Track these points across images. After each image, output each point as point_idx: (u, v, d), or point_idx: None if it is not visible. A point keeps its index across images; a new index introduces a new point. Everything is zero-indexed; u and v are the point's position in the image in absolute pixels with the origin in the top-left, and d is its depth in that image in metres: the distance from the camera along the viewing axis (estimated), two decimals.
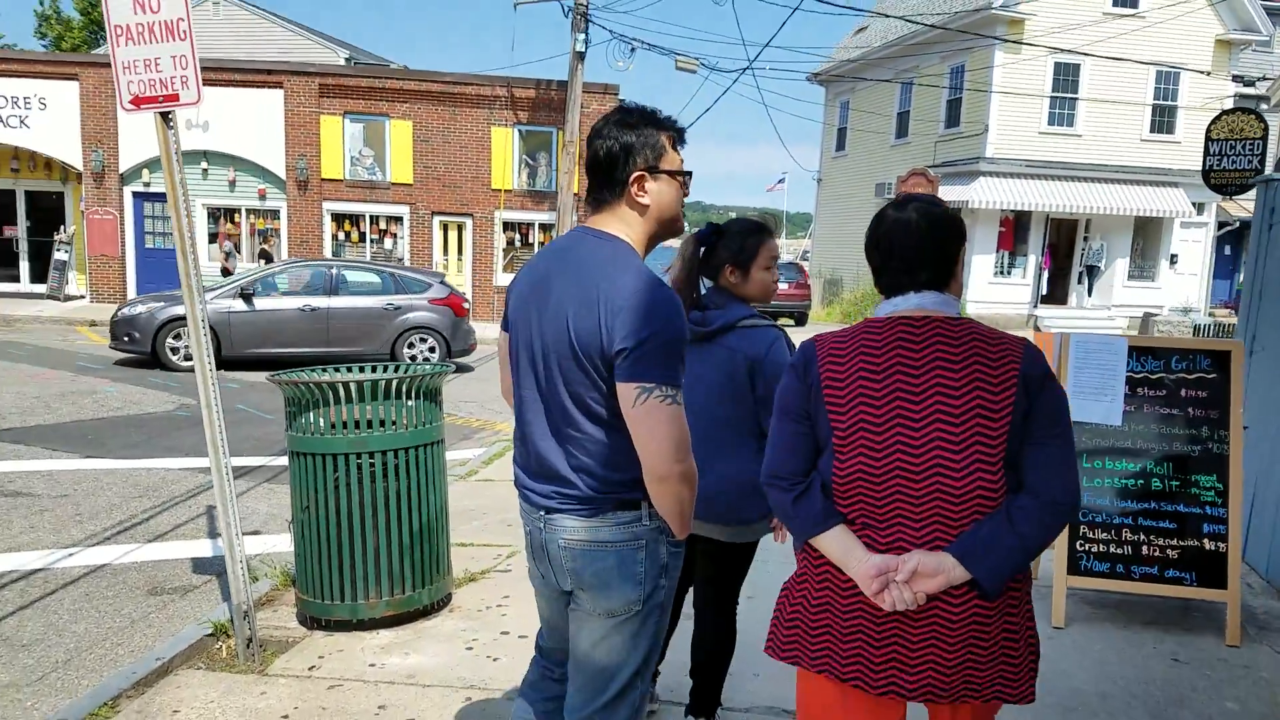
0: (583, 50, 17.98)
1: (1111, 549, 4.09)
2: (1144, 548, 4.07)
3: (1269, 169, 11.61)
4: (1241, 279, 25.81)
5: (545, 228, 20.53)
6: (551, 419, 2.03)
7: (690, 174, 2.12)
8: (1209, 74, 22.15)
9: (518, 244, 20.78)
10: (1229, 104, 23.36)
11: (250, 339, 12.29)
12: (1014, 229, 23.37)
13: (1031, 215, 23.16)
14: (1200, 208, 23.68)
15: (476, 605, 4.36)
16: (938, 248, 1.90)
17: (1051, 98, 22.53)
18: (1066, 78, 22.52)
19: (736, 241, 2.87)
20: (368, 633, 3.97)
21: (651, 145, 2.03)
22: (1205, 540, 4.02)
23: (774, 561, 4.81)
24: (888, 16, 21.98)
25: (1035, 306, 23.04)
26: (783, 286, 21.03)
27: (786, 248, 53.42)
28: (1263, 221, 4.96)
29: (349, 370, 4.14)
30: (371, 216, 20.53)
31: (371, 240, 20.58)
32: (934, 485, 1.78)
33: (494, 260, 20.56)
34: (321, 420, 3.82)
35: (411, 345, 12.89)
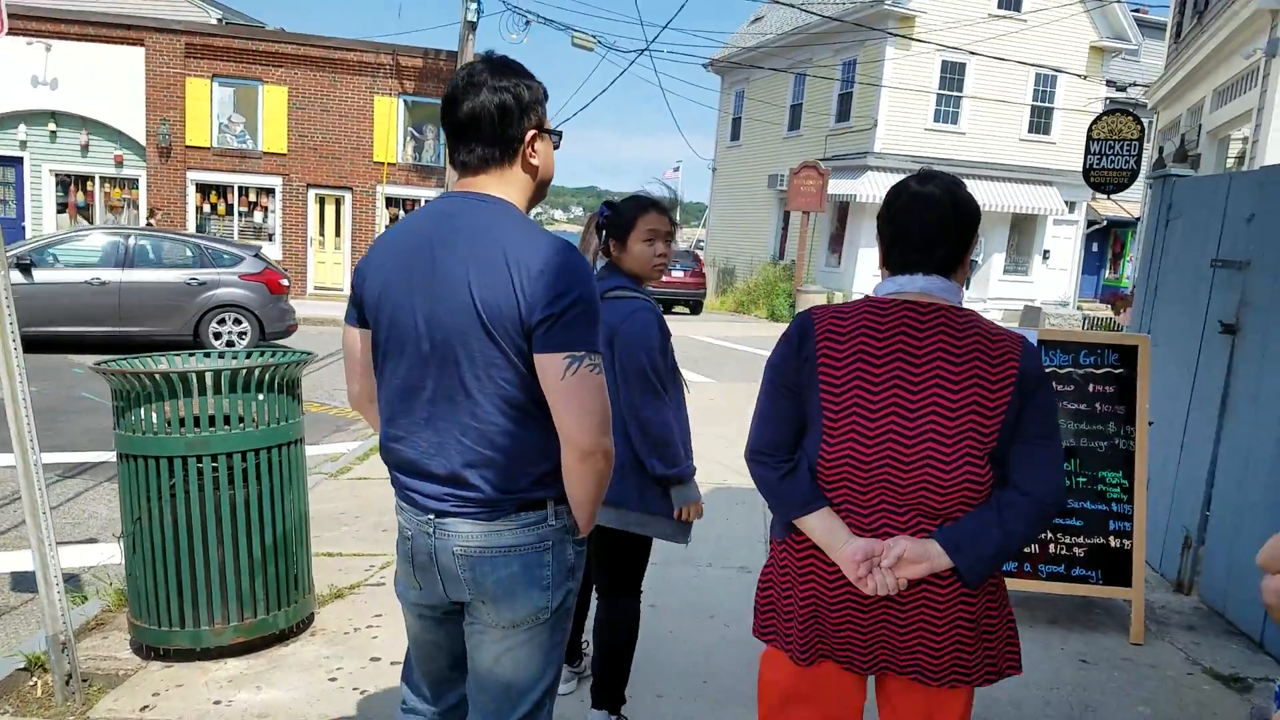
0: (474, 20, 17.25)
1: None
2: (1051, 545, 3.95)
3: (1144, 169, 12.07)
4: (1121, 274, 27.15)
5: None
6: (444, 411, 1.78)
7: (561, 133, 1.94)
8: (1085, 78, 23.06)
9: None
10: (1100, 108, 24.46)
11: (25, 316, 10.84)
12: None
13: None
14: (1072, 206, 24.72)
15: (343, 627, 3.85)
16: (957, 229, 1.83)
17: (938, 95, 23.04)
18: (953, 76, 23.07)
19: (618, 213, 2.81)
20: (213, 663, 3.43)
21: (538, 100, 1.84)
22: (1111, 538, 3.93)
23: (675, 563, 4.58)
24: (784, 4, 22.01)
25: None
26: (678, 274, 20.88)
27: (681, 236, 53.56)
28: (1159, 217, 4.92)
29: (191, 357, 3.59)
30: (241, 188, 19.37)
31: (240, 213, 19.39)
32: (922, 475, 1.76)
33: (375, 237, 19.58)
34: (155, 416, 3.27)
35: (219, 325, 11.76)
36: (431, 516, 1.82)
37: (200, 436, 3.28)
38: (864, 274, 23.07)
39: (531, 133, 1.82)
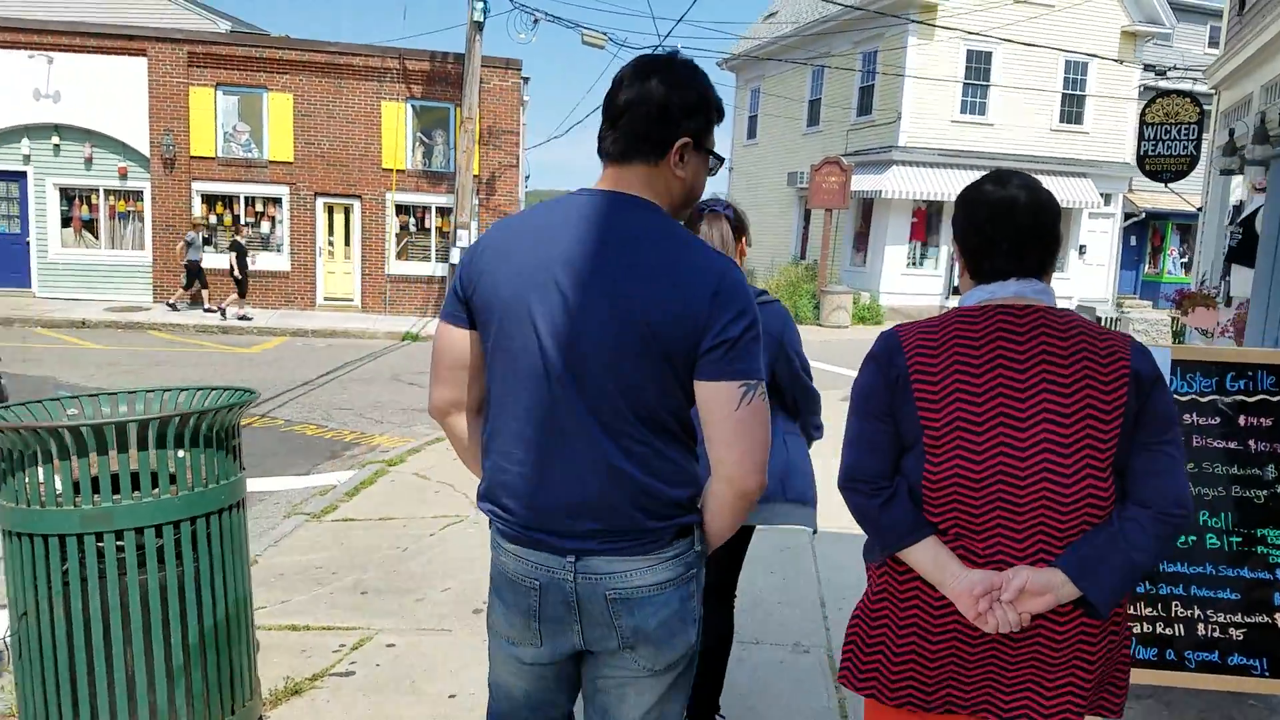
0: (481, 20, 16.57)
1: (1159, 628, 3.11)
2: (1200, 626, 3.09)
3: (1204, 155, 11.19)
4: (1162, 269, 26.03)
5: (443, 211, 19.03)
6: (590, 436, 1.61)
7: (723, 159, 1.82)
8: (1121, 62, 22.09)
9: (413, 228, 19.26)
10: (1136, 94, 23.45)
11: None
12: (925, 220, 23.01)
13: (943, 205, 22.81)
14: (1108, 198, 23.75)
15: None
16: (1048, 231, 1.75)
17: (964, 85, 22.16)
18: (979, 65, 22.18)
19: (736, 215, 2.73)
20: None
21: (705, 112, 1.70)
22: (1278, 615, 3.08)
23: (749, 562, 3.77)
24: None
25: (947, 298, 22.70)
26: None
27: None
28: None
29: (95, 401, 2.85)
30: (247, 198, 18.76)
31: (247, 223, 18.80)
32: (1040, 492, 1.64)
33: (386, 246, 18.98)
34: (43, 482, 2.53)
35: None
36: (572, 559, 1.64)
37: (100, 509, 2.53)
38: (891, 273, 22.22)
39: (685, 140, 1.67)
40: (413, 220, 19.22)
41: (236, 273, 16.78)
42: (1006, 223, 1.73)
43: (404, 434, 8.49)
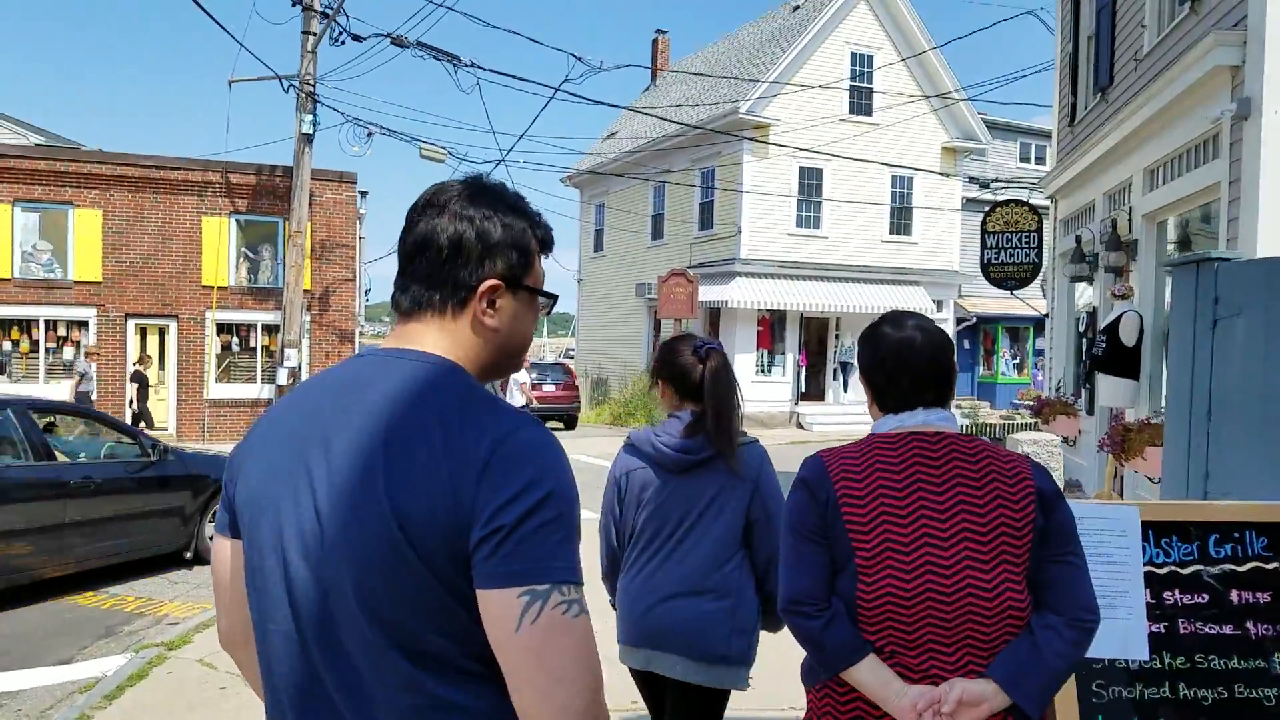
0: (310, 132, 15.65)
1: None
2: None
3: (1045, 261, 11.49)
4: (996, 371, 27.12)
5: (269, 329, 17.59)
6: (354, 690, 1.15)
7: (556, 298, 1.41)
8: (948, 175, 23.38)
9: (236, 348, 17.71)
10: (959, 206, 24.83)
11: None
12: (770, 328, 23.28)
13: (786, 314, 23.18)
14: (940, 304, 24.77)
15: None
16: (945, 365, 1.89)
17: (799, 200, 22.87)
18: (811, 181, 23.00)
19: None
20: None
21: (519, 246, 1.31)
22: None
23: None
24: (639, 112, 21.53)
25: (796, 403, 22.86)
26: (549, 388, 20.14)
27: (549, 347, 52.19)
28: (1195, 316, 3.70)
29: None
30: (48, 321, 16.82)
31: (48, 350, 16.80)
32: (966, 605, 1.73)
33: (206, 369, 17.30)
34: None
35: None
36: None
37: None
38: (741, 380, 21.21)
39: (490, 283, 1.28)
40: (236, 339, 17.72)
41: (135, 405, 15.49)
42: (906, 362, 1.86)
43: (201, 598, 7.08)
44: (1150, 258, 7.21)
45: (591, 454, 15.10)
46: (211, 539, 1.41)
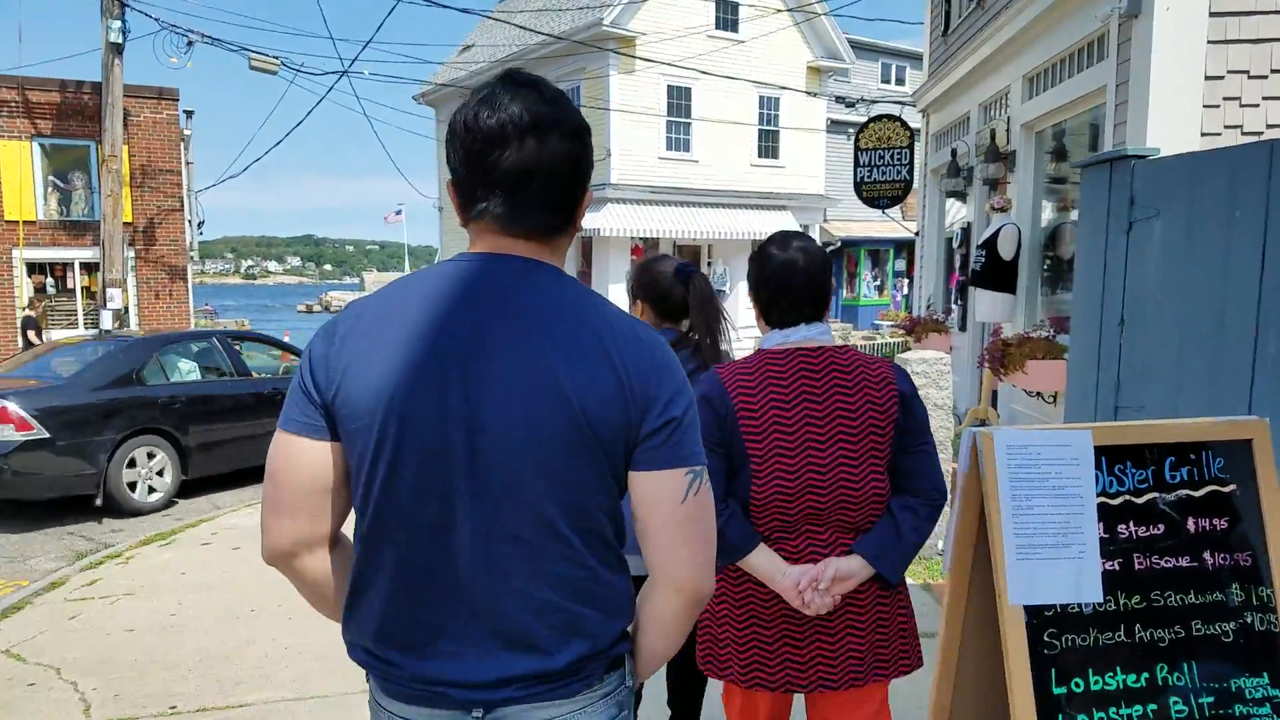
0: (119, 41, 13.83)
1: None
2: None
3: (917, 179, 11.38)
4: (858, 294, 27.57)
5: (89, 267, 15.83)
6: (506, 557, 1.29)
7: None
8: (814, 95, 23.24)
9: (51, 289, 15.87)
10: (824, 128, 24.82)
11: None
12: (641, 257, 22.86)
13: (660, 242, 22.76)
14: (806, 229, 24.89)
15: None
16: (823, 283, 2.11)
17: (668, 121, 22.29)
18: (680, 101, 22.41)
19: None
20: None
21: (593, 154, 1.46)
22: None
23: None
24: (496, 19, 20.30)
25: None
26: None
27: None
28: (1108, 218, 3.40)
29: None
30: None
31: None
32: (839, 495, 2.03)
33: (15, 314, 15.44)
34: None
35: None
36: (479, 714, 1.31)
37: None
38: None
39: (589, 197, 1.45)
40: (51, 280, 15.87)
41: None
42: (789, 281, 2.09)
43: (13, 574, 6.17)
44: (1029, 169, 7.05)
45: None
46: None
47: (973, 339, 8.47)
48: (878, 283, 28.12)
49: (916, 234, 10.69)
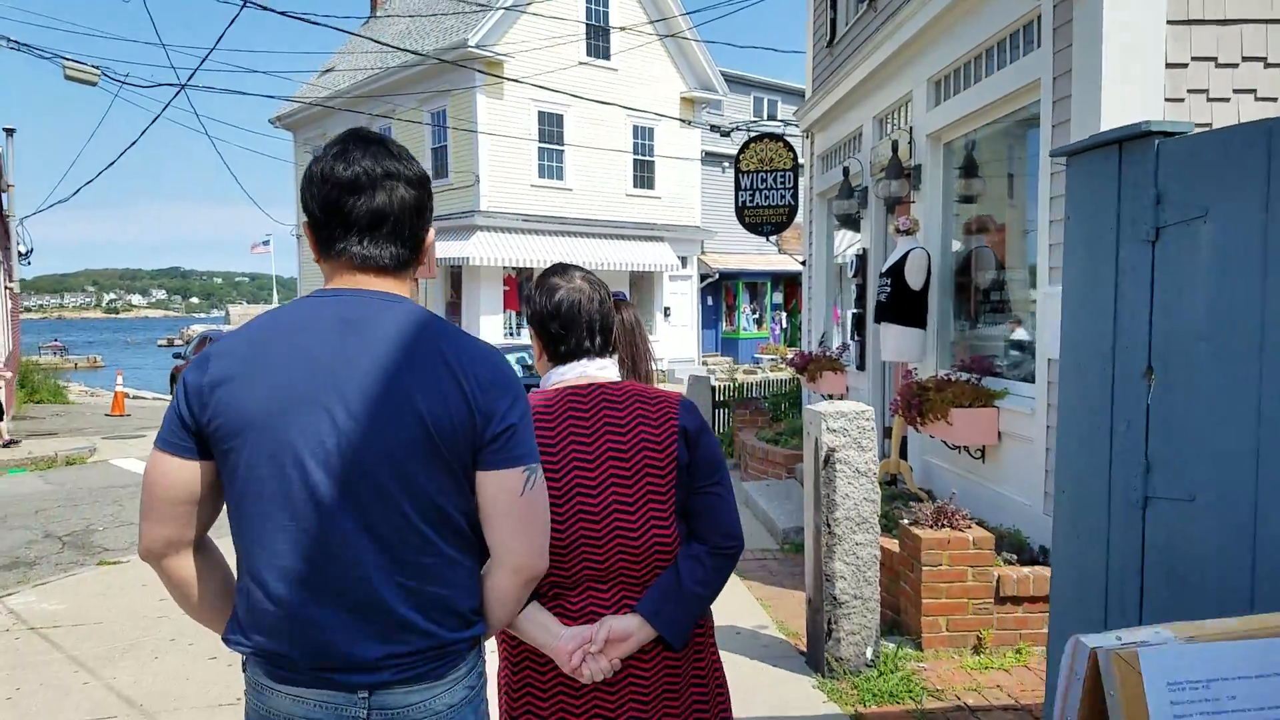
0: None
1: None
2: None
3: (802, 204, 10.54)
4: (738, 327, 26.91)
5: None
6: (377, 555, 1.51)
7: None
8: (688, 123, 22.60)
9: None
10: (699, 159, 24.22)
11: None
12: (517, 287, 21.60)
13: (534, 272, 21.58)
14: (684, 261, 24.20)
15: None
16: (604, 319, 1.98)
17: (540, 148, 21.23)
18: (552, 128, 21.41)
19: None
20: None
21: (432, 199, 1.69)
22: None
23: None
24: (358, 36, 18.77)
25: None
26: None
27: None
28: (1122, 220, 2.37)
29: None
30: None
31: None
32: (615, 546, 1.82)
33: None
34: None
35: None
36: (365, 694, 1.52)
37: None
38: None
39: (431, 236, 1.69)
40: None
41: None
42: (579, 312, 1.93)
43: None
44: (937, 185, 6.19)
45: None
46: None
47: (873, 379, 7.57)
48: (755, 315, 27.63)
49: (803, 263, 9.83)
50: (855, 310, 7.68)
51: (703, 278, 25.44)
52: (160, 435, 1.55)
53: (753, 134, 11.43)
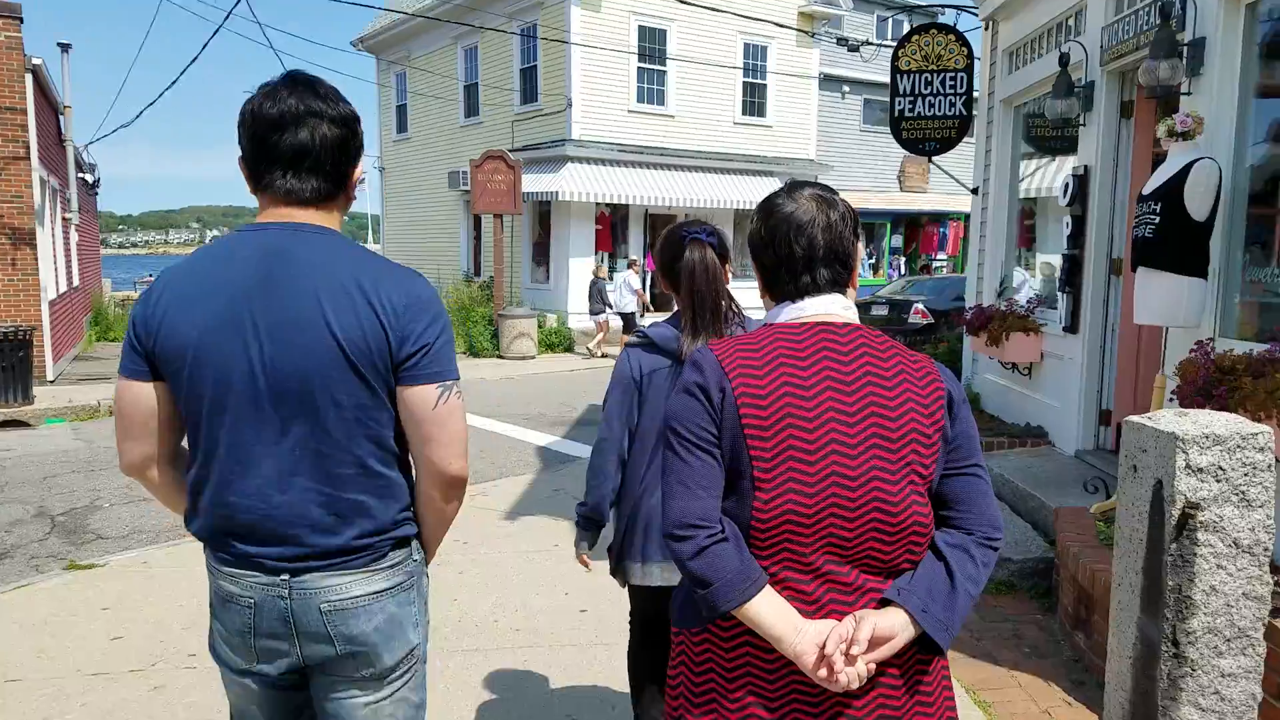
0: None
1: None
2: None
3: (981, 113, 8.49)
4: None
5: None
6: (304, 462, 1.71)
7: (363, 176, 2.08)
8: (810, 34, 20.27)
9: None
10: (816, 83, 21.87)
11: None
12: (611, 227, 19.92)
13: (630, 210, 19.85)
14: None
15: None
16: (845, 242, 1.64)
17: (640, 69, 19.27)
18: (654, 45, 19.39)
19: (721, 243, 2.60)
20: None
21: (361, 139, 1.86)
22: None
23: None
24: None
25: (642, 314, 19.66)
26: None
27: None
28: None
29: None
30: None
31: None
32: (870, 520, 1.50)
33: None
34: None
35: None
36: (286, 577, 1.74)
37: None
38: (579, 290, 18.74)
39: (359, 172, 1.85)
40: None
41: None
42: (801, 238, 1.61)
43: None
44: (1232, 67, 4.23)
45: None
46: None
47: (1089, 348, 5.64)
48: (871, 260, 25.33)
49: (974, 190, 7.84)
50: (1068, 251, 5.72)
51: None
52: (121, 364, 1.77)
53: (878, 57, 9.36)
